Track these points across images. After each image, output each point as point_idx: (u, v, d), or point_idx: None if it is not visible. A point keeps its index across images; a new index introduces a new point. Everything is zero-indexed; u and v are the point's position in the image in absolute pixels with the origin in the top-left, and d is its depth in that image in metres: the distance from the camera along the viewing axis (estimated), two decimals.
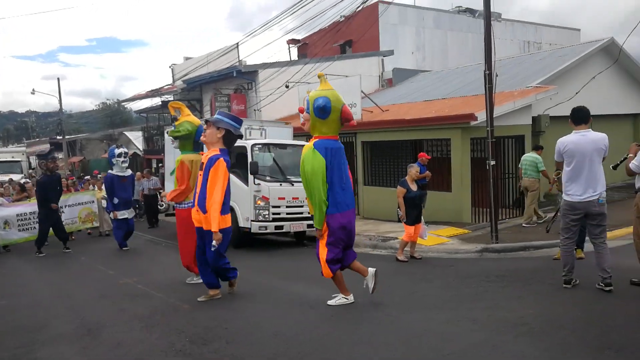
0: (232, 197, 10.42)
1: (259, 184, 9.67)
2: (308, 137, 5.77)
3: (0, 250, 11.05)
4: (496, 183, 9.53)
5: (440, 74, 18.05)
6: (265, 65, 17.66)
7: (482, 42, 8.87)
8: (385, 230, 10.82)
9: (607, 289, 5.35)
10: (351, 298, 5.51)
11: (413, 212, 7.88)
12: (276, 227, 9.80)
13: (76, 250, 10.75)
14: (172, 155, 9.72)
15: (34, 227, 11.16)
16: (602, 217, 5.44)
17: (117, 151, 10.20)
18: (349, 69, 17.71)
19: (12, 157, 29.81)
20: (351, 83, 13.81)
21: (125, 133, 33.99)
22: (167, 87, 23.07)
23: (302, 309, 5.55)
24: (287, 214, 9.84)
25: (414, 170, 7.96)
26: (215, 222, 5.56)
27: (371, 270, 5.57)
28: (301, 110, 5.65)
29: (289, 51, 29.34)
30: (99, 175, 17.19)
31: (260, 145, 10.22)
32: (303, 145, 10.92)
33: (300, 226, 10.13)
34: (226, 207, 5.80)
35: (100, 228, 13.19)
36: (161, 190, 15.30)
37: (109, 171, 10.61)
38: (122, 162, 10.41)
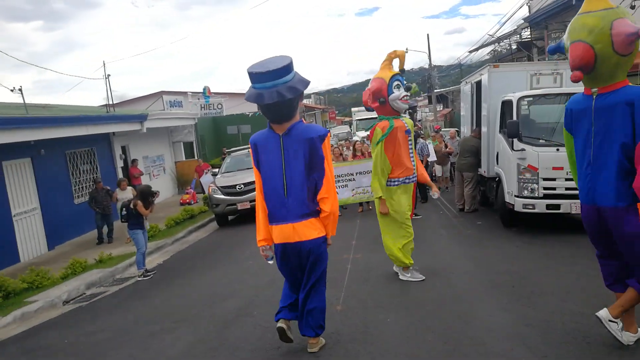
0: (500, 164, 8.40)
1: (523, 149, 7.38)
2: None
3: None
4: None
5: None
6: None
7: None
8: None
9: None
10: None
11: None
12: (549, 207, 7.27)
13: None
14: None
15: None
16: None
17: None
18: None
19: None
20: None
21: None
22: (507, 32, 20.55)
23: None
24: (567, 189, 7.14)
25: None
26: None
27: None
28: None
29: None
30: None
31: (531, 98, 7.68)
32: None
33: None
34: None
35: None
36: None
37: None
38: None
